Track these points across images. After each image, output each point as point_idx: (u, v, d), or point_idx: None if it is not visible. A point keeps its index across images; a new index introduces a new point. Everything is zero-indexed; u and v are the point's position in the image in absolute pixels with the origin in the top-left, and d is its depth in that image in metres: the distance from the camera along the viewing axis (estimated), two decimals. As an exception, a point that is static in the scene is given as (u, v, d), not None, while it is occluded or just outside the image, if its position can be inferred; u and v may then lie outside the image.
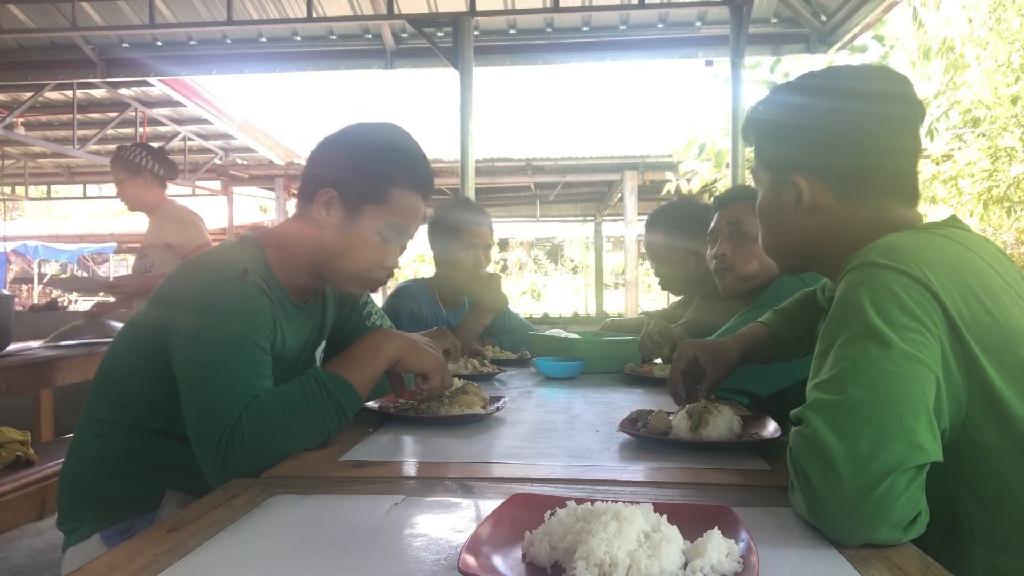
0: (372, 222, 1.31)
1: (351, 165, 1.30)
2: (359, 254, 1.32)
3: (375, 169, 1.31)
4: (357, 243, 1.31)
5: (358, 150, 1.32)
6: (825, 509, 0.77)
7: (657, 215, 2.48)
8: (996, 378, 0.86)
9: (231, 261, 1.26)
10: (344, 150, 1.32)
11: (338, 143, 1.34)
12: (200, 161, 9.46)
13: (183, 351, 1.17)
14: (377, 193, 1.30)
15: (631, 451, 1.19)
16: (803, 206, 1.06)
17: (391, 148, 1.33)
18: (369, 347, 1.29)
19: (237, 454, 1.07)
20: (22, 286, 17.91)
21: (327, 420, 1.18)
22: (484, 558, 0.69)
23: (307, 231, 1.32)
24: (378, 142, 1.33)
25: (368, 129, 1.36)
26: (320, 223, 1.30)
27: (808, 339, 1.41)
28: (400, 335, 1.34)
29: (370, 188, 1.30)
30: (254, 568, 0.72)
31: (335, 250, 1.31)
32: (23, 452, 2.60)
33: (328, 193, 1.29)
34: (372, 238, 1.31)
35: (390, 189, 1.31)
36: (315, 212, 1.30)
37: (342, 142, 1.34)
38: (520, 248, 22.27)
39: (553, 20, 4.50)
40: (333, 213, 1.30)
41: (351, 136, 1.35)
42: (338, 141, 1.34)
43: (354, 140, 1.34)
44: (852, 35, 4.14)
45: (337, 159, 1.31)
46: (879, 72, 1.10)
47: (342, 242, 1.31)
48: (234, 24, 4.38)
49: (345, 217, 1.30)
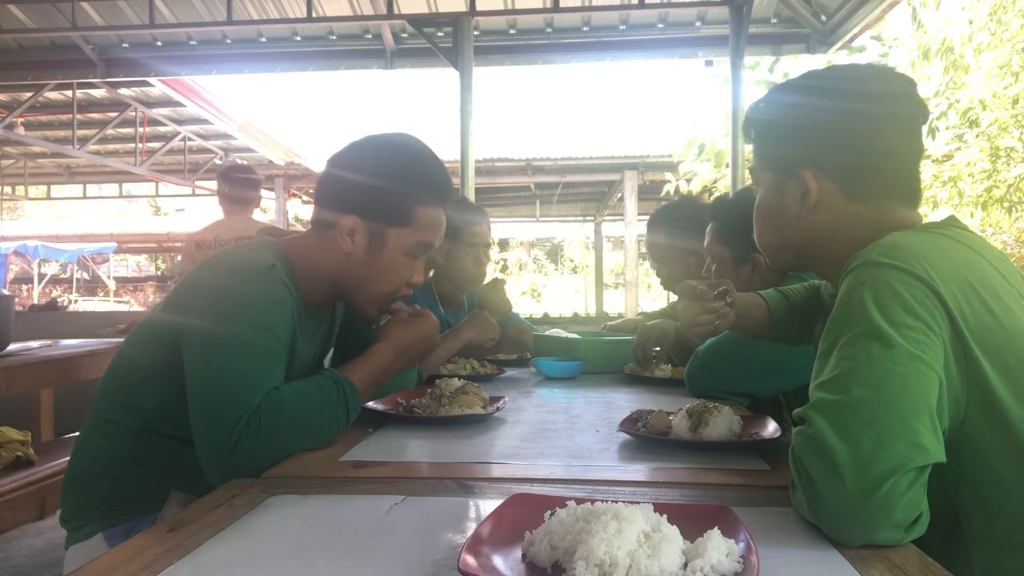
0: (399, 244, 1.29)
1: (373, 190, 1.27)
2: (387, 278, 1.31)
3: (398, 192, 1.28)
4: (385, 268, 1.30)
5: (379, 174, 1.28)
6: (827, 509, 0.77)
7: (658, 215, 2.48)
8: (995, 378, 0.86)
9: (257, 256, 1.26)
10: (363, 172, 1.29)
11: (355, 164, 1.30)
12: (200, 161, 9.45)
13: (202, 335, 1.16)
14: (402, 216, 1.28)
15: (631, 451, 1.20)
16: (809, 203, 1.06)
17: (412, 166, 1.31)
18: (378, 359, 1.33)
19: (249, 443, 1.07)
20: (22, 286, 17.90)
21: (337, 421, 1.20)
22: (484, 558, 0.69)
23: (331, 255, 1.30)
24: (397, 162, 1.30)
25: (384, 147, 1.32)
26: (344, 248, 1.28)
27: (800, 325, 1.40)
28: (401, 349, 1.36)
29: (395, 212, 1.28)
30: (254, 568, 0.72)
31: (362, 277, 1.30)
32: (23, 452, 2.60)
33: (351, 220, 1.27)
34: (400, 260, 1.30)
35: (415, 209, 1.29)
36: (339, 240, 1.28)
37: (359, 163, 1.30)
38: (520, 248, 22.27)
39: (553, 20, 4.50)
40: (358, 240, 1.28)
41: (368, 157, 1.31)
42: (355, 162, 1.30)
43: (372, 162, 1.30)
44: (852, 35, 4.14)
45: (357, 184, 1.28)
46: (884, 72, 1.10)
47: (369, 269, 1.29)
48: (234, 24, 4.37)
49: (370, 244, 1.28)
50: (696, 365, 1.74)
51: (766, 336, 1.45)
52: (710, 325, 1.36)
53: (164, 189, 11.33)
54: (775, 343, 1.47)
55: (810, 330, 1.31)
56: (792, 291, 1.46)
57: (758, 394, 1.75)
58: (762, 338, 1.46)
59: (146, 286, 19.48)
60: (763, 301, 1.43)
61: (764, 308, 1.42)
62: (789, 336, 1.44)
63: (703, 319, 1.36)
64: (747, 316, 1.41)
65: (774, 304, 1.43)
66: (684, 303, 1.38)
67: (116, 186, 12.03)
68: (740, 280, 1.82)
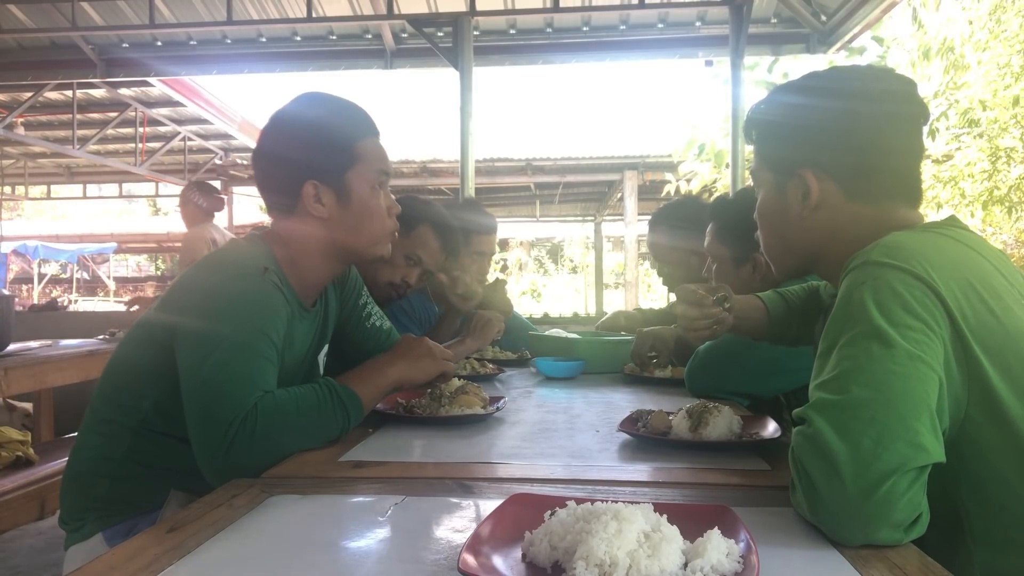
0: (362, 182, 1.34)
1: (311, 150, 1.32)
2: (371, 215, 1.35)
3: (331, 139, 1.32)
4: (362, 209, 1.34)
5: (310, 132, 1.33)
6: (827, 509, 0.77)
7: (660, 214, 2.48)
8: (995, 378, 0.86)
9: (250, 258, 1.28)
10: (298, 139, 1.33)
11: (281, 138, 1.34)
12: (200, 161, 9.45)
13: (197, 336, 1.17)
14: (348, 156, 1.33)
15: (631, 451, 1.19)
16: (810, 203, 1.06)
17: (327, 113, 1.35)
18: (375, 367, 1.35)
19: (245, 443, 1.07)
20: (22, 286, 17.90)
21: (333, 425, 1.21)
22: (484, 558, 0.69)
23: (310, 228, 1.33)
24: (314, 115, 1.35)
25: (295, 111, 1.36)
26: (319, 215, 1.32)
27: (799, 327, 1.40)
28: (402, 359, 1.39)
29: (340, 157, 1.32)
30: (254, 568, 0.72)
31: (349, 228, 1.34)
32: (23, 452, 2.60)
33: (310, 186, 1.30)
34: (372, 197, 1.35)
35: (354, 146, 1.33)
36: (308, 208, 1.31)
37: (284, 136, 1.34)
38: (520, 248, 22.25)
39: (553, 20, 4.50)
40: (326, 199, 1.32)
41: (288, 126, 1.35)
42: (279, 137, 1.34)
43: (294, 127, 1.34)
44: (852, 35, 4.14)
45: (296, 151, 1.32)
46: (885, 73, 1.10)
47: (351, 218, 1.34)
48: (234, 24, 4.37)
49: (339, 198, 1.32)
50: (696, 365, 1.74)
51: (765, 338, 1.45)
52: (709, 330, 1.37)
53: (164, 189, 11.32)
54: (775, 344, 1.47)
55: (810, 331, 1.31)
56: (790, 292, 1.46)
57: (758, 394, 1.75)
58: (761, 340, 1.46)
59: (146, 286, 19.48)
60: (761, 304, 1.43)
61: (763, 311, 1.42)
62: (788, 337, 1.44)
63: (701, 323, 1.36)
64: (746, 319, 1.41)
65: (772, 306, 1.43)
66: (683, 307, 1.39)
67: (116, 186, 12.03)
68: (741, 280, 1.82)
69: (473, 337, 2.05)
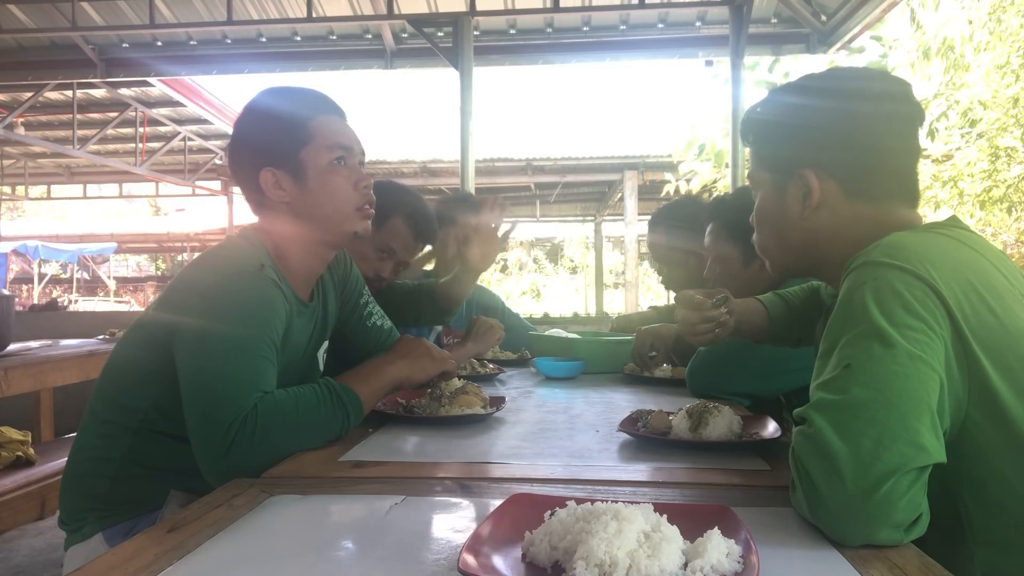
0: (318, 159, 1.32)
1: (266, 135, 1.32)
2: (331, 191, 1.33)
3: (284, 122, 1.32)
4: (320, 185, 1.32)
5: (262, 119, 1.33)
6: (827, 509, 0.77)
7: (660, 214, 2.47)
8: (996, 378, 0.86)
9: (246, 255, 1.27)
10: (251, 128, 1.34)
11: (241, 128, 1.35)
12: (200, 161, 9.45)
13: (196, 337, 1.17)
14: (301, 135, 1.31)
15: (631, 451, 1.19)
16: (811, 204, 1.05)
17: (282, 98, 1.35)
18: (375, 367, 1.36)
19: (245, 443, 1.07)
20: (22, 286, 17.90)
21: (333, 425, 1.21)
22: (484, 558, 0.69)
23: (281, 217, 1.33)
24: (269, 102, 1.35)
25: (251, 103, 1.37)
26: (283, 200, 1.32)
27: (800, 327, 1.41)
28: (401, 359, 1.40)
29: (292, 137, 1.31)
30: (254, 568, 0.72)
31: (313, 206, 1.32)
32: (23, 452, 2.60)
33: (268, 172, 1.30)
34: (330, 171, 1.33)
35: (308, 124, 1.32)
36: (272, 196, 1.31)
37: (245, 125, 1.35)
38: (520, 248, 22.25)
39: (553, 20, 4.50)
40: (285, 183, 1.31)
41: (246, 116, 1.36)
42: (241, 127, 1.35)
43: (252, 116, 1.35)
44: (852, 35, 4.14)
45: (250, 141, 1.33)
46: (880, 74, 1.11)
47: (311, 196, 1.32)
48: (234, 24, 4.38)
49: (295, 179, 1.31)
50: (697, 365, 1.74)
51: (766, 340, 1.45)
52: (710, 334, 1.36)
53: (164, 189, 11.33)
54: (776, 346, 1.48)
55: (811, 331, 1.31)
56: (791, 293, 1.46)
57: (759, 394, 1.75)
58: (763, 343, 1.46)
59: (146, 286, 19.48)
60: (762, 306, 1.43)
61: (763, 313, 1.43)
62: (789, 339, 1.44)
63: (702, 327, 1.36)
64: (746, 322, 1.41)
65: (773, 309, 1.43)
66: (683, 313, 1.38)
67: (116, 186, 12.03)
68: (748, 279, 1.81)
69: (474, 341, 2.05)
